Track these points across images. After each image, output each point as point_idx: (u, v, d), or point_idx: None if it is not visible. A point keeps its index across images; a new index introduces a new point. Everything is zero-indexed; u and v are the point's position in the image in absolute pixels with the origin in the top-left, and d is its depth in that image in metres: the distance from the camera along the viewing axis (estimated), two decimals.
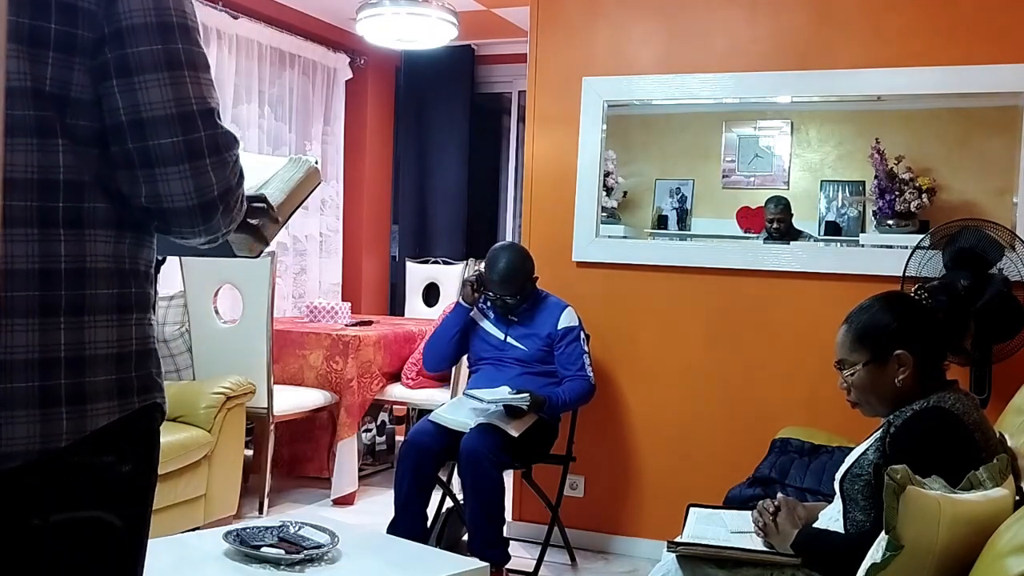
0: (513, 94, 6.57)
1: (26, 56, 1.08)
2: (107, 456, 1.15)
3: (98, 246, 1.14)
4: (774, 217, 3.75)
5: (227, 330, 4.28)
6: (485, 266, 3.65)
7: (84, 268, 1.13)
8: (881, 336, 2.05)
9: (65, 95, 1.11)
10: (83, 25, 1.11)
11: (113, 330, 1.15)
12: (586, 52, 3.95)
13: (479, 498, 3.31)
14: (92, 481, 1.14)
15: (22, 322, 1.08)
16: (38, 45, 1.09)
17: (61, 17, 1.09)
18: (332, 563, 2.50)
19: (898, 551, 1.49)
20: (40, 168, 1.09)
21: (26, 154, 1.08)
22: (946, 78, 3.40)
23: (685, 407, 3.81)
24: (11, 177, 1.07)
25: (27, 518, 1.10)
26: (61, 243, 1.11)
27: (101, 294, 1.14)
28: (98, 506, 1.15)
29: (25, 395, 1.08)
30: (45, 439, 1.09)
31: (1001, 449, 1.97)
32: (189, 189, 1.15)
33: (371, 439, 5.18)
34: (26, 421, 1.08)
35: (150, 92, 1.13)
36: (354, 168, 6.40)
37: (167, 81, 1.14)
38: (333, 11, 5.72)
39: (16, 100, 1.07)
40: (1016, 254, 3.15)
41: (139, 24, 1.13)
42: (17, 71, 1.07)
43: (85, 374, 1.12)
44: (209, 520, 3.73)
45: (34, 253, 1.09)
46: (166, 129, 1.13)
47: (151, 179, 1.15)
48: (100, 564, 1.17)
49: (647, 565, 3.55)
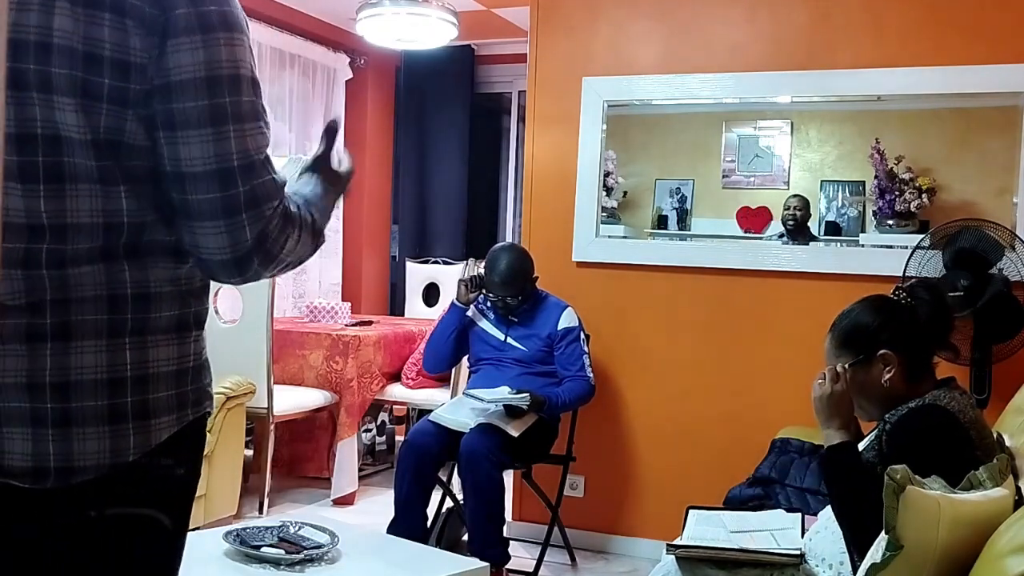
0: (513, 94, 6.57)
1: (81, 109, 1.11)
2: (166, 459, 1.21)
3: (159, 272, 1.19)
4: (794, 210, 3.70)
5: (227, 330, 4.28)
6: (485, 267, 3.65)
7: (148, 293, 1.18)
8: (863, 337, 2.06)
9: (119, 141, 1.14)
10: (135, 79, 1.13)
11: (174, 348, 1.21)
12: (586, 52, 3.95)
13: (479, 498, 3.31)
14: (151, 482, 1.21)
15: (91, 344, 1.14)
16: (92, 98, 1.12)
17: (114, 73, 1.12)
18: (332, 563, 2.50)
19: (898, 551, 1.49)
20: (105, 212, 1.14)
21: (91, 199, 1.13)
22: (946, 78, 3.40)
23: (685, 407, 3.81)
24: (78, 222, 1.12)
25: (84, 510, 1.16)
26: (126, 272, 1.16)
27: (164, 316, 1.20)
28: (152, 505, 1.22)
29: (95, 413, 1.14)
30: (115, 453, 1.16)
31: (998, 447, 1.97)
32: (223, 244, 1.18)
33: (371, 439, 5.18)
34: (96, 437, 1.15)
35: (191, 148, 1.15)
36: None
37: (210, 137, 1.15)
38: (333, 11, 5.72)
39: (77, 150, 1.11)
40: (1016, 254, 3.15)
41: (187, 80, 1.14)
42: (76, 124, 1.11)
43: (149, 391, 1.18)
44: (209, 520, 3.73)
45: (102, 282, 1.14)
46: (204, 185, 1.16)
47: (190, 230, 1.18)
48: (147, 561, 1.24)
49: (647, 565, 3.55)
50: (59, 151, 1.11)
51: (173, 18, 1.13)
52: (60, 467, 1.13)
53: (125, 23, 1.11)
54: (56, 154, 1.10)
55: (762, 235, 3.80)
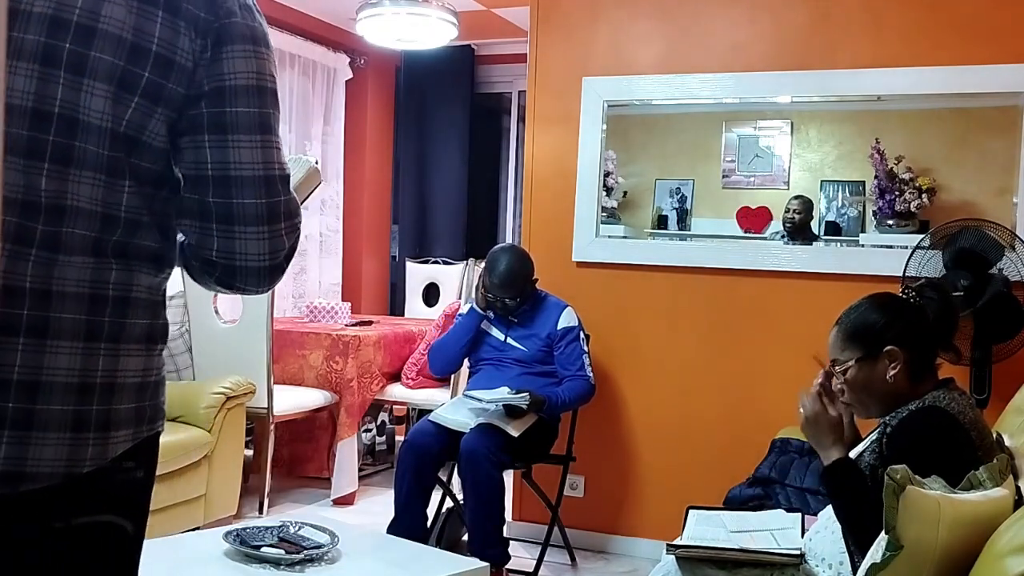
0: (513, 94, 6.57)
1: (111, 97, 1.11)
2: (127, 463, 1.18)
3: (142, 276, 1.18)
4: (793, 212, 3.69)
5: (227, 330, 4.28)
6: (485, 268, 3.66)
7: (129, 297, 1.16)
8: (871, 333, 2.06)
9: (137, 138, 1.14)
10: (175, 79, 1.14)
11: (141, 359, 1.19)
12: (586, 52, 3.95)
13: (479, 498, 3.31)
14: (110, 488, 1.17)
15: (67, 345, 1.11)
16: (126, 89, 1.12)
17: (156, 68, 1.13)
18: (332, 563, 2.50)
19: (898, 551, 1.49)
20: (104, 203, 1.13)
21: (93, 188, 1.12)
22: (946, 78, 3.40)
23: (685, 407, 3.81)
24: (77, 206, 1.10)
25: (49, 521, 1.12)
26: (112, 271, 1.14)
27: (139, 324, 1.18)
28: (112, 511, 1.18)
29: (60, 418, 1.10)
30: (69, 463, 1.11)
31: (997, 448, 1.97)
32: (264, 251, 1.20)
33: (371, 439, 5.18)
34: (56, 443, 1.10)
35: (242, 152, 1.17)
36: (354, 168, 6.40)
37: (259, 144, 1.18)
38: (333, 11, 5.72)
39: (92, 136, 1.11)
40: (1016, 254, 3.15)
41: (242, 86, 1.17)
42: (102, 110, 1.11)
43: (113, 401, 1.15)
44: (209, 520, 3.73)
45: (86, 278, 1.12)
46: (252, 190, 1.18)
47: (228, 235, 1.19)
48: (111, 567, 1.20)
49: (647, 565, 3.55)
50: (73, 134, 1.10)
51: (230, 26, 1.17)
52: (10, 472, 1.07)
53: (177, 23, 1.14)
54: (69, 136, 1.10)
55: (762, 235, 3.79)
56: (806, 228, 3.72)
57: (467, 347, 3.74)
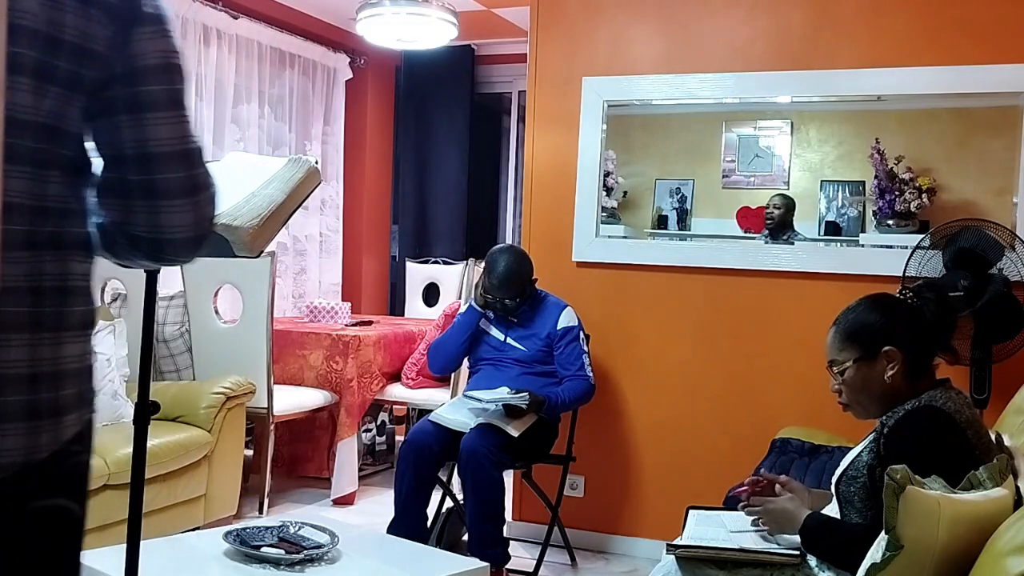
0: (513, 94, 6.57)
1: (33, 90, 1.13)
2: (75, 446, 1.21)
3: (75, 264, 1.20)
4: (774, 209, 3.74)
5: (227, 330, 4.28)
6: (484, 269, 3.66)
7: (66, 286, 1.19)
8: (869, 333, 2.06)
9: (57, 126, 1.16)
10: (89, 66, 1.17)
11: (80, 344, 1.21)
12: (586, 52, 3.95)
13: (479, 498, 3.31)
14: (60, 472, 1.20)
15: (16, 337, 1.13)
16: (46, 80, 1.14)
17: (72, 58, 1.15)
18: (332, 563, 2.50)
19: (898, 551, 1.49)
20: (33, 195, 1.15)
21: (24, 181, 1.14)
22: (946, 78, 3.40)
23: (685, 407, 3.81)
24: (9, 202, 1.11)
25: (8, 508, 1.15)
26: (48, 263, 1.16)
27: (76, 311, 1.20)
28: (63, 494, 1.21)
29: (15, 409, 1.13)
30: (28, 451, 1.14)
31: (997, 447, 1.97)
32: (189, 221, 1.25)
33: (371, 439, 5.18)
34: (14, 433, 1.13)
35: (159, 128, 1.21)
36: (354, 168, 6.40)
37: (173, 120, 1.22)
38: (333, 11, 5.72)
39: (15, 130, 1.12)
40: (1016, 254, 3.15)
41: (153, 65, 1.21)
42: (25, 104, 1.13)
43: (59, 388, 1.18)
44: (209, 520, 3.73)
45: (26, 272, 1.14)
46: (173, 164, 1.22)
47: (154, 210, 1.23)
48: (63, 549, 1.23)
49: (647, 565, 3.55)
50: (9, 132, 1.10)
51: (138, 9, 1.20)
52: None
53: (89, 11, 1.16)
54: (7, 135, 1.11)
55: (759, 235, 3.80)
56: (787, 225, 3.73)
57: (466, 345, 3.74)
